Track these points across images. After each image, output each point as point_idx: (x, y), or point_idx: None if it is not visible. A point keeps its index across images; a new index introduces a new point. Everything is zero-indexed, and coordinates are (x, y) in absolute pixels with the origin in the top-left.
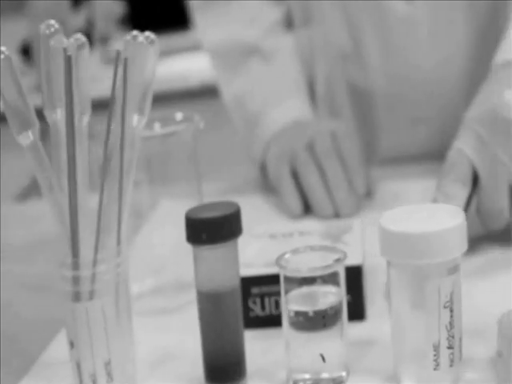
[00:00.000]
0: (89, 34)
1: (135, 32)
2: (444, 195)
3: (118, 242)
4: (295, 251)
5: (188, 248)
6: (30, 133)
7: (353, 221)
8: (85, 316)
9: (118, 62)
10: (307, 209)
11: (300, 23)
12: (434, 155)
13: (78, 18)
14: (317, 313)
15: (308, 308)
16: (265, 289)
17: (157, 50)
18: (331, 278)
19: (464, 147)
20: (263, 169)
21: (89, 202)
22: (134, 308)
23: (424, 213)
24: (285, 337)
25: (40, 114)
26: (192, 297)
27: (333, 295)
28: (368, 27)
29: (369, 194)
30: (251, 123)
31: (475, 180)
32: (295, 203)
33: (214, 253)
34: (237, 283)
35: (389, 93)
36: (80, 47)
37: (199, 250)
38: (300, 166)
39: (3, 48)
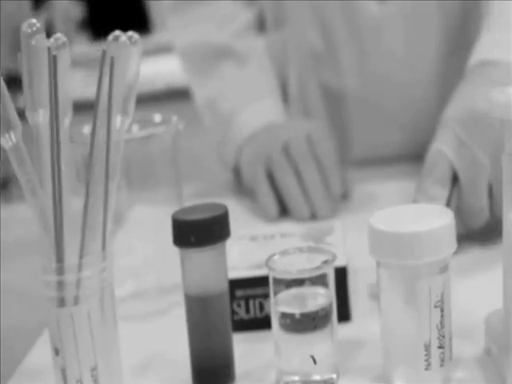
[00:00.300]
0: (49, 37)
1: (117, 32)
2: (425, 197)
3: (104, 246)
4: (284, 253)
5: (167, 251)
6: (12, 135)
7: (334, 222)
8: (70, 321)
9: (104, 61)
10: (283, 211)
11: (272, 25)
12: (407, 157)
13: (39, 20)
14: (307, 315)
15: (298, 310)
16: (249, 291)
17: (140, 49)
18: (319, 280)
19: (443, 148)
20: (236, 172)
21: (72, 205)
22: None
23: (412, 213)
24: (274, 339)
25: (21, 115)
26: (173, 300)
27: (322, 297)
28: (341, 28)
29: (345, 195)
30: (223, 126)
31: (455, 179)
32: (271, 205)
33: (202, 256)
34: (225, 286)
35: (362, 94)
36: (60, 47)
37: (187, 253)
38: (276, 169)
39: None
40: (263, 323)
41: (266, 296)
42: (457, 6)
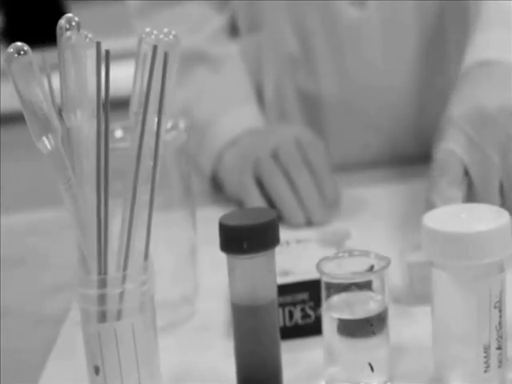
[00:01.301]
0: None
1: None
2: (442, 199)
3: (146, 257)
4: (334, 257)
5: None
6: (50, 138)
7: (346, 227)
8: (113, 337)
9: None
10: None
11: (246, 28)
12: (384, 162)
13: None
14: (365, 320)
15: (355, 315)
16: (280, 299)
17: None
18: (367, 284)
19: (454, 147)
20: (215, 181)
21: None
22: None
23: (466, 213)
24: (326, 346)
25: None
26: (179, 315)
27: (375, 301)
28: (318, 32)
29: (336, 201)
30: (199, 135)
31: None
32: None
33: (255, 262)
34: (275, 294)
35: (339, 99)
36: (90, 45)
37: (238, 260)
38: (266, 175)
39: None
40: (293, 332)
41: (295, 304)
42: (435, 9)
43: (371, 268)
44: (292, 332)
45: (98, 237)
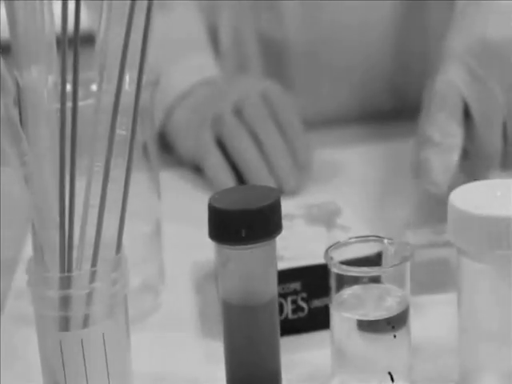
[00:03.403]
0: None
1: None
2: (440, 132)
3: (118, 249)
4: (343, 244)
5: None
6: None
7: (333, 200)
8: (79, 348)
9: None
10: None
11: None
12: (355, 119)
13: None
14: (385, 321)
15: (372, 315)
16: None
17: None
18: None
19: (455, 79)
20: (163, 140)
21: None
22: None
23: (501, 190)
24: (336, 348)
25: None
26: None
27: (394, 297)
28: None
29: (308, 164)
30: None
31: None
32: (227, 178)
33: (253, 254)
34: (275, 291)
35: (307, 45)
36: None
37: (233, 251)
38: (228, 134)
39: None
40: (282, 328)
41: (286, 295)
42: None
43: (379, 254)
44: (281, 328)
45: (62, 226)
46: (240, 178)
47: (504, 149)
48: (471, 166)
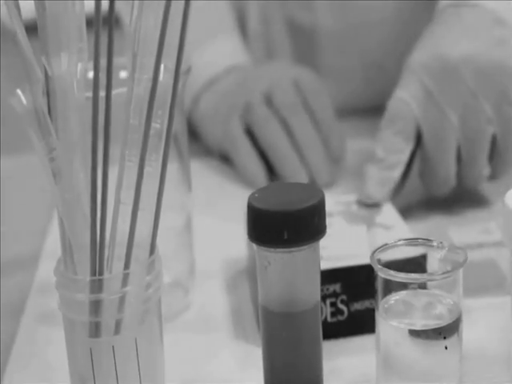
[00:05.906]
0: None
1: None
2: (384, 149)
3: (152, 250)
4: (390, 246)
5: None
6: (27, 92)
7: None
8: (110, 355)
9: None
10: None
11: None
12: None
13: None
14: (436, 331)
15: (422, 324)
16: None
17: None
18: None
19: (408, 97)
20: (189, 126)
21: None
22: None
23: None
24: (382, 358)
25: None
26: (171, 306)
27: (444, 305)
28: None
29: (341, 156)
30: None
31: (419, 138)
32: (258, 169)
33: (296, 257)
34: (318, 296)
35: (337, 31)
36: None
37: (274, 254)
38: (258, 124)
39: None
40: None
41: (325, 297)
42: None
43: (423, 256)
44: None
45: (93, 224)
46: (270, 168)
47: (459, 172)
48: (426, 185)
